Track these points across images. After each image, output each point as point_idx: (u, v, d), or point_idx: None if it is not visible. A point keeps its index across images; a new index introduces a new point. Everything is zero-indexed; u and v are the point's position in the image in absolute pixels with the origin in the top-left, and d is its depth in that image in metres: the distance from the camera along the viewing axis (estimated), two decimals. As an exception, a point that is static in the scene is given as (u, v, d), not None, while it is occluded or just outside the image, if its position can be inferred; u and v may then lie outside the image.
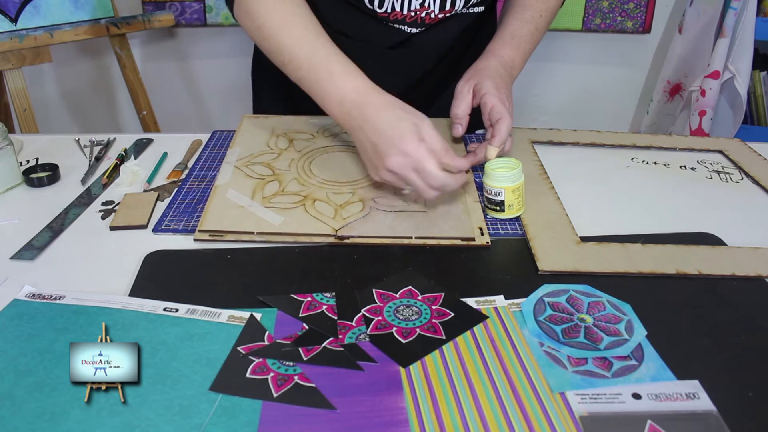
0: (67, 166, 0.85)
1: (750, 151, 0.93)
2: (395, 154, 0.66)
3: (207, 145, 0.91)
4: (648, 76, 2.09)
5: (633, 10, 1.95)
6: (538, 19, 0.87)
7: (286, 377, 0.50)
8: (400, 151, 0.66)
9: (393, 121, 0.67)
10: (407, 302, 0.59)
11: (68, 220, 0.73)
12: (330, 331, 0.55)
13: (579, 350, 0.53)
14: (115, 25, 1.67)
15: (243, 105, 1.21)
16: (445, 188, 0.67)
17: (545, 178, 0.81)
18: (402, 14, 0.85)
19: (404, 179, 0.68)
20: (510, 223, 0.72)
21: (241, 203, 0.72)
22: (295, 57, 0.74)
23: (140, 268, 0.63)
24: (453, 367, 0.51)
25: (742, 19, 1.73)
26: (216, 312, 0.56)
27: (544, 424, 0.46)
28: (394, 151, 0.66)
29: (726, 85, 1.80)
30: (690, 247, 0.67)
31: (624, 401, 0.48)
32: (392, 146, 0.66)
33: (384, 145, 0.67)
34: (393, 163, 0.67)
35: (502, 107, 0.77)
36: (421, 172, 0.66)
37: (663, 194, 0.81)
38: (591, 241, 0.68)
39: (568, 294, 0.60)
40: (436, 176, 0.66)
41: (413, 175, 0.67)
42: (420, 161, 0.66)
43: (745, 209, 0.78)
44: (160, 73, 2.08)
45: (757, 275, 0.63)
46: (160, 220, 0.72)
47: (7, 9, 1.49)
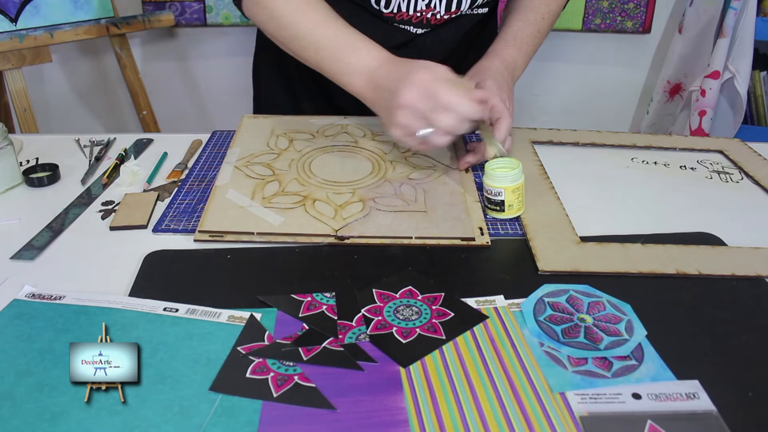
0: (67, 166, 0.85)
1: (750, 151, 0.93)
2: (406, 86, 0.67)
3: (207, 145, 0.91)
4: (648, 76, 2.09)
5: (633, 10, 1.95)
6: (540, 22, 0.88)
7: (286, 377, 0.50)
8: (411, 82, 0.67)
9: (411, 64, 0.70)
10: (407, 302, 0.59)
11: (68, 220, 0.73)
12: (330, 331, 0.55)
13: (579, 350, 0.53)
14: (115, 25, 1.67)
15: (243, 105, 1.21)
16: (458, 107, 0.67)
17: (545, 178, 0.81)
18: (408, 15, 0.85)
19: (417, 113, 0.68)
20: (510, 223, 0.72)
21: (241, 203, 0.72)
22: (316, 40, 0.76)
23: (140, 268, 0.63)
24: (453, 367, 0.51)
25: (742, 19, 1.73)
26: (216, 312, 0.56)
27: (544, 424, 0.46)
28: (403, 84, 0.68)
29: (726, 85, 1.80)
30: (690, 247, 0.67)
31: (624, 401, 0.48)
32: (402, 81, 0.68)
33: (396, 86, 0.68)
34: (404, 97, 0.67)
35: (502, 106, 0.77)
36: (432, 96, 0.67)
37: (663, 194, 0.81)
38: (591, 241, 0.68)
39: (568, 294, 0.60)
40: (445, 94, 0.66)
41: (426, 103, 0.67)
42: (429, 84, 0.67)
43: (745, 209, 0.78)
44: (160, 73, 2.08)
45: (757, 275, 0.63)
46: (160, 220, 0.72)
47: (7, 9, 1.49)
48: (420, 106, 0.67)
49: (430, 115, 0.67)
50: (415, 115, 0.68)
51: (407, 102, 0.67)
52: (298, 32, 0.76)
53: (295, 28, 0.76)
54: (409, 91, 0.67)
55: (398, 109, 0.68)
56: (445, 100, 0.66)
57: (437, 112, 0.67)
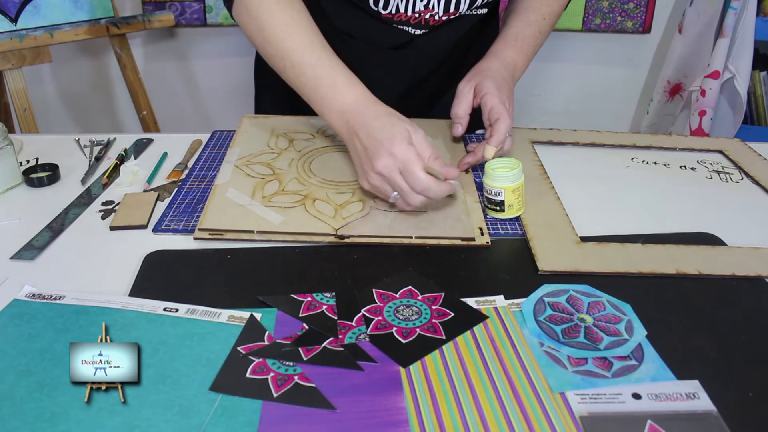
0: (67, 166, 0.85)
1: (750, 151, 0.93)
2: (383, 155, 0.67)
3: (207, 145, 0.91)
4: (648, 76, 2.09)
5: (633, 10, 1.95)
6: (541, 22, 0.88)
7: (286, 377, 0.50)
8: (389, 152, 0.66)
9: (387, 126, 0.68)
10: (407, 302, 0.59)
11: (68, 220, 0.73)
12: (330, 331, 0.55)
13: (579, 350, 0.53)
14: (115, 25, 1.67)
15: (243, 105, 1.21)
16: (427, 192, 0.67)
17: (545, 178, 0.81)
18: (406, 16, 0.85)
19: (391, 182, 0.68)
20: (510, 223, 0.72)
21: (241, 202, 0.72)
22: (298, 63, 0.74)
23: (140, 268, 0.63)
24: (453, 367, 0.51)
25: (742, 19, 1.73)
26: (216, 312, 0.56)
27: (544, 424, 0.46)
28: (382, 152, 0.67)
29: (726, 85, 1.80)
30: (690, 247, 0.67)
31: (624, 401, 0.48)
32: (381, 148, 0.67)
33: (374, 147, 0.67)
34: (381, 165, 0.67)
35: (501, 107, 0.77)
36: (406, 174, 0.66)
37: (663, 194, 0.81)
38: (591, 241, 0.68)
39: (568, 294, 0.60)
40: (419, 179, 0.66)
41: (399, 178, 0.67)
42: (406, 163, 0.66)
43: (745, 209, 0.78)
44: (160, 73, 2.08)
45: (757, 275, 0.63)
46: (160, 220, 0.72)
47: (7, 9, 1.49)
48: (393, 179, 0.67)
49: (400, 189, 0.68)
50: (388, 180, 0.68)
51: (383, 171, 0.67)
52: (282, 51, 0.75)
53: (279, 47, 0.75)
54: (386, 163, 0.67)
55: (372, 172, 0.68)
56: (419, 186, 0.66)
57: (407, 190, 0.67)
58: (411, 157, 0.66)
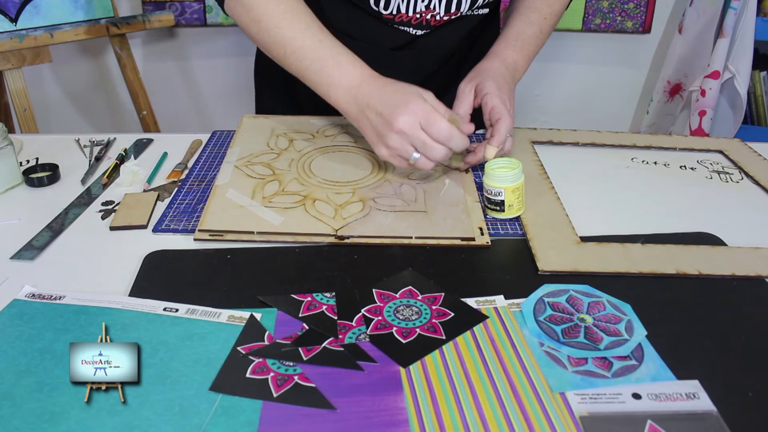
0: (67, 166, 0.85)
1: (750, 151, 0.93)
2: (403, 113, 0.68)
3: (207, 145, 0.91)
4: (648, 76, 2.09)
5: (633, 10, 1.95)
6: (542, 22, 0.88)
7: (286, 377, 0.50)
8: (408, 110, 0.68)
9: (399, 90, 0.71)
10: (407, 302, 0.59)
11: (68, 220, 0.73)
12: (330, 331, 0.55)
13: (579, 350, 0.53)
14: (115, 25, 1.67)
15: (243, 105, 1.21)
16: (450, 142, 0.69)
17: (545, 178, 0.81)
18: (407, 16, 0.85)
19: (412, 138, 0.69)
20: (510, 223, 0.72)
21: (241, 203, 0.72)
22: (299, 47, 0.76)
23: (140, 268, 0.63)
24: (453, 367, 0.51)
25: (742, 19, 1.73)
26: (216, 312, 0.56)
27: (544, 424, 0.46)
28: (400, 111, 0.68)
29: (726, 85, 1.80)
30: (690, 247, 0.67)
31: (624, 401, 0.48)
32: (399, 107, 0.69)
33: (390, 110, 0.69)
34: (401, 122, 0.68)
35: (502, 107, 0.77)
36: (428, 126, 0.68)
37: (663, 194, 0.81)
38: (591, 241, 0.68)
39: (568, 294, 0.60)
40: (443, 128, 0.68)
41: (420, 132, 0.68)
42: (427, 114, 0.68)
43: (745, 209, 0.78)
44: (160, 73, 2.08)
45: (757, 275, 0.63)
46: (160, 220, 0.72)
47: (7, 9, 1.49)
48: (415, 134, 0.69)
49: (423, 144, 0.69)
50: (408, 141, 0.70)
51: (404, 129, 0.69)
52: (281, 39, 0.76)
53: (278, 34, 0.76)
54: (406, 119, 0.68)
55: (393, 133, 0.70)
56: (444, 134, 0.68)
57: (430, 143, 0.69)
58: (430, 110, 0.68)
